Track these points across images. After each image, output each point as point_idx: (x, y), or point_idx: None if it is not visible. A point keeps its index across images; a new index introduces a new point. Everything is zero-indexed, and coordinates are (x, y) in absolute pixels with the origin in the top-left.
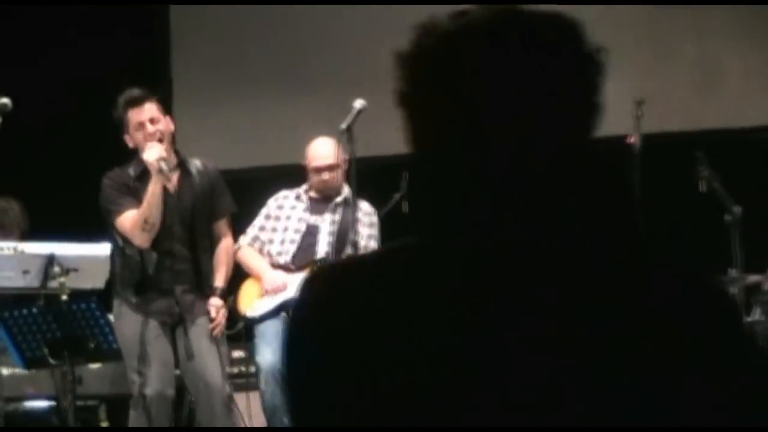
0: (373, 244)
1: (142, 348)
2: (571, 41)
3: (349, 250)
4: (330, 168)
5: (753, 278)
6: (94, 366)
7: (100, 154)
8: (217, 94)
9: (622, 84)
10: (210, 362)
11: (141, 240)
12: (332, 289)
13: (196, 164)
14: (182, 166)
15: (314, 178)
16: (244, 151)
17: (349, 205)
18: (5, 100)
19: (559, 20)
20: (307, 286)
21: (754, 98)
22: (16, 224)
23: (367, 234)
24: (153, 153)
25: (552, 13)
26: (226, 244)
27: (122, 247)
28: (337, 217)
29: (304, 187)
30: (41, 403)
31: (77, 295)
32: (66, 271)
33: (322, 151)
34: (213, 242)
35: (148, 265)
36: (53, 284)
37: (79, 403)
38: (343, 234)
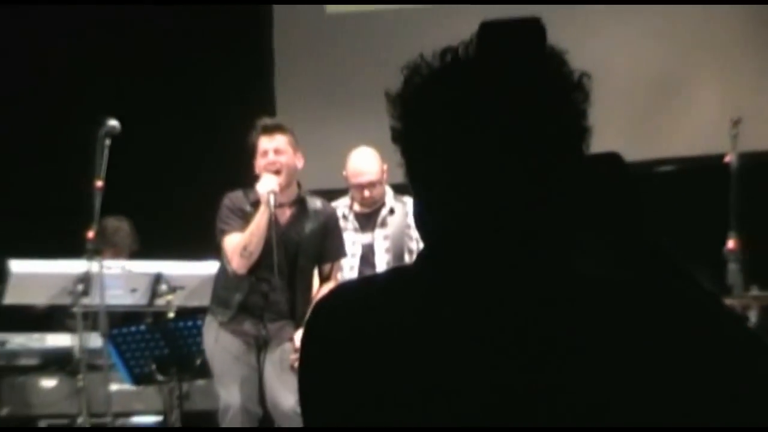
0: None
1: (227, 364)
2: (555, 72)
3: (407, 259)
4: (371, 185)
5: None
6: (201, 382)
7: (206, 175)
8: (319, 115)
9: (721, 103)
10: (283, 388)
11: (237, 265)
12: (338, 305)
13: (315, 203)
14: (301, 202)
15: (356, 194)
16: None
17: (395, 213)
18: (114, 123)
19: (543, 51)
20: (322, 300)
21: None
22: (127, 244)
23: (417, 236)
24: (265, 184)
25: (536, 44)
26: (328, 287)
27: (225, 267)
28: (388, 231)
29: (346, 202)
30: (149, 419)
31: (184, 312)
32: (173, 290)
33: (363, 166)
34: (318, 281)
35: (244, 288)
36: (160, 302)
37: (186, 419)
38: (398, 246)
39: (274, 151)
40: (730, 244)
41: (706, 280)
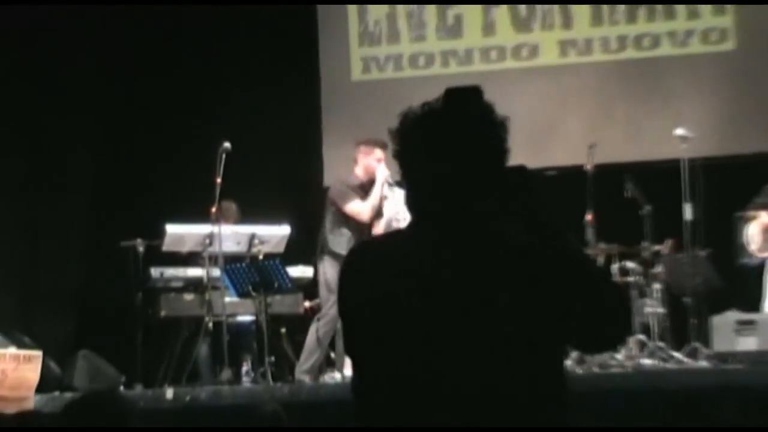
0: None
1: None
2: (488, 117)
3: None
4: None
5: (657, 247)
6: (278, 296)
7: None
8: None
9: (583, 131)
10: None
11: (368, 216)
12: (361, 248)
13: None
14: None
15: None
16: None
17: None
18: (228, 144)
19: (481, 105)
20: (354, 247)
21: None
22: (234, 217)
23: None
24: (385, 171)
25: (477, 100)
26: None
27: (336, 224)
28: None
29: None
30: (247, 318)
31: (267, 256)
32: (261, 242)
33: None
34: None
35: (354, 236)
36: (254, 250)
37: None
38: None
39: (382, 159)
40: (588, 217)
41: (575, 237)
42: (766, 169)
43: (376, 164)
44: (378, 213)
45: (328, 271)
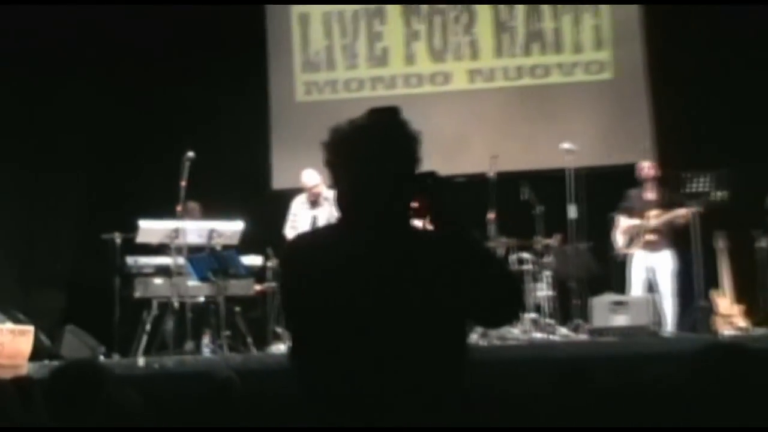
0: None
1: None
2: (403, 131)
3: None
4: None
5: (547, 240)
6: (233, 281)
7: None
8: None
9: (487, 145)
10: None
11: None
12: (298, 240)
13: None
14: None
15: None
16: None
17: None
18: (191, 154)
19: (399, 121)
20: (292, 240)
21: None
22: (196, 215)
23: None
24: None
25: (396, 117)
26: None
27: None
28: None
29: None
30: (207, 299)
31: (224, 247)
32: (219, 236)
33: (310, 179)
34: None
35: None
36: (213, 242)
37: (227, 300)
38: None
39: None
40: (490, 216)
41: (478, 232)
42: (634, 177)
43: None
44: None
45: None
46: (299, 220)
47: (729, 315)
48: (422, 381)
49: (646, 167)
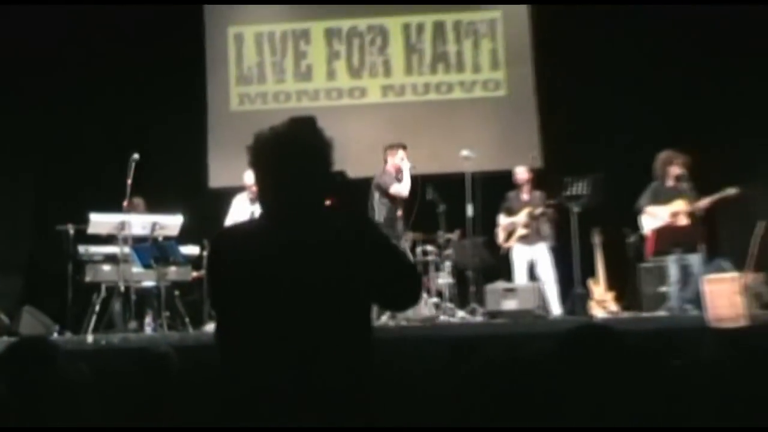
0: None
1: None
2: (319, 138)
3: None
4: None
5: (448, 235)
6: (173, 268)
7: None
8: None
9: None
10: None
11: (407, 193)
12: (223, 233)
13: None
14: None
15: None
16: None
17: None
18: (136, 155)
19: (315, 129)
20: (219, 233)
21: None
22: (141, 209)
23: None
24: (408, 163)
25: (312, 126)
26: None
27: (382, 201)
28: None
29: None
30: (149, 283)
31: (165, 238)
32: (161, 228)
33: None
34: None
35: (398, 210)
36: (156, 233)
37: (167, 284)
38: None
39: (404, 156)
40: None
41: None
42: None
43: (400, 161)
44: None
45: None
46: (239, 215)
47: (603, 300)
48: (333, 358)
49: (520, 172)
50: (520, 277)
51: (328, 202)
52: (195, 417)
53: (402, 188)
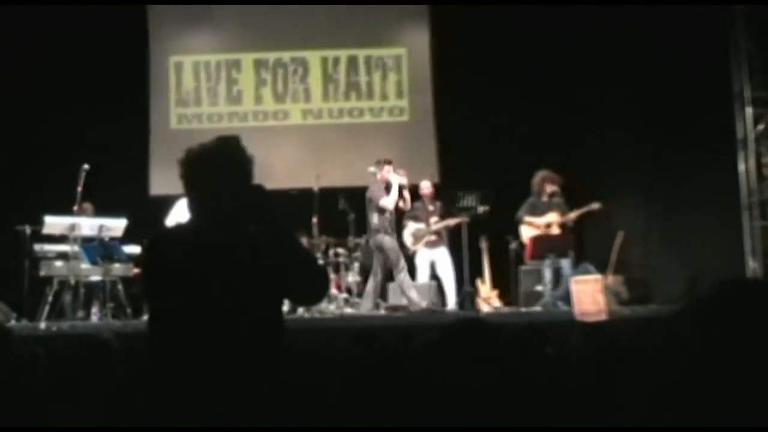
0: None
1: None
2: (241, 154)
3: None
4: None
5: (357, 240)
6: (117, 264)
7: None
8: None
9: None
10: None
11: (392, 206)
12: (156, 236)
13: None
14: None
15: None
16: None
17: None
18: (86, 166)
19: (238, 145)
20: (154, 235)
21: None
22: (90, 213)
23: None
24: (397, 177)
25: (236, 143)
26: None
27: (375, 211)
28: None
29: None
30: (96, 278)
31: (111, 238)
32: (107, 230)
33: None
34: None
35: (386, 218)
36: (102, 234)
37: (112, 279)
38: None
39: (391, 170)
40: (314, 220)
41: (298, 233)
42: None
43: (387, 174)
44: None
45: (378, 238)
46: (180, 216)
47: (488, 297)
48: (250, 344)
49: (425, 186)
50: (422, 276)
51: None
52: (129, 391)
53: (388, 202)
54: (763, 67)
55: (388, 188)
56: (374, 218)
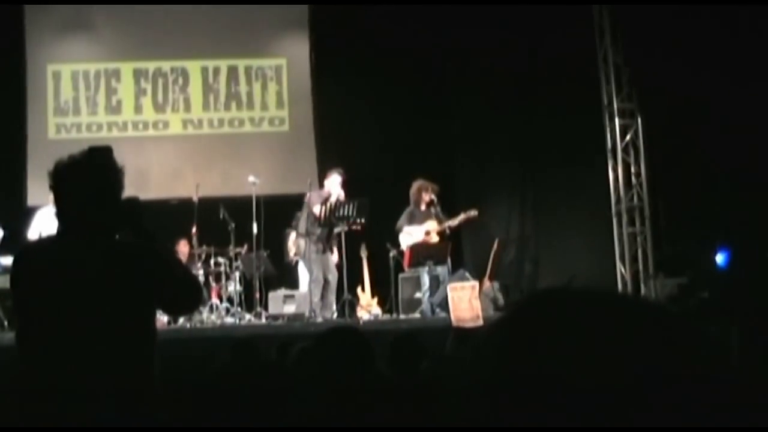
0: None
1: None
2: (111, 164)
3: None
4: None
5: (237, 249)
6: None
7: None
8: None
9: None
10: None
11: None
12: (24, 248)
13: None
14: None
15: None
16: None
17: None
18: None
19: (110, 157)
20: (23, 247)
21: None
22: None
23: None
24: (336, 189)
25: (107, 154)
26: None
27: (309, 217)
28: None
29: None
30: None
31: None
32: None
33: None
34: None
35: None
36: None
37: None
38: None
39: (336, 181)
40: (193, 230)
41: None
42: (300, 200)
43: (331, 184)
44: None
45: (301, 243)
46: (44, 228)
47: (368, 305)
48: (119, 357)
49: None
50: (304, 285)
51: (118, 223)
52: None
53: (318, 209)
54: (629, 79)
55: (328, 197)
56: (304, 224)
